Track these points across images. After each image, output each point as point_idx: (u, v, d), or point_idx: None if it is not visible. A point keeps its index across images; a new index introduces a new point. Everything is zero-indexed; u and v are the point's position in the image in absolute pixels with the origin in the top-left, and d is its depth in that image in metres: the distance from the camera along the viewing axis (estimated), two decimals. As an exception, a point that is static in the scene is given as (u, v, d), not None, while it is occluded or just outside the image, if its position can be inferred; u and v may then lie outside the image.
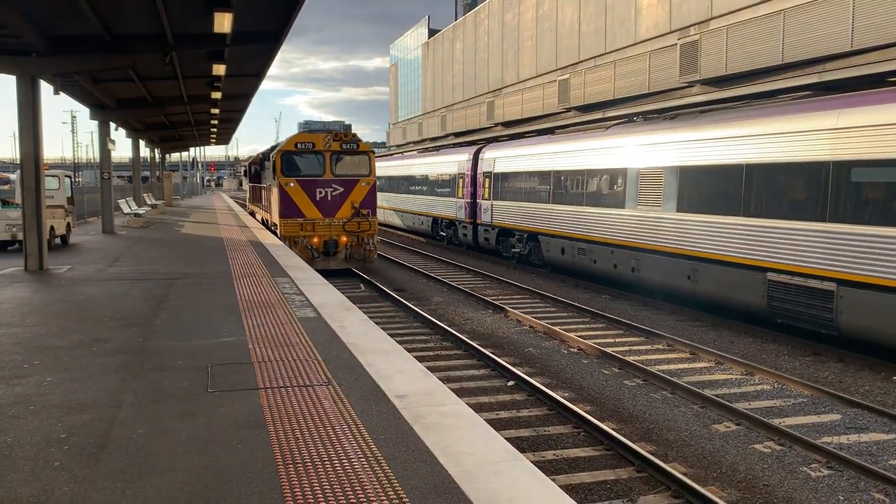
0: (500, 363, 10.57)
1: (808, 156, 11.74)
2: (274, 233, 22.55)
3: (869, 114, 10.73)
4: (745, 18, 21.32)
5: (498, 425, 8.16)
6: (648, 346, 12.35)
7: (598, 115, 26.68)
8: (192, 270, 14.16)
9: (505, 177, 23.41)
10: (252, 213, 35.83)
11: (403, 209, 34.70)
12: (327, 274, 16.94)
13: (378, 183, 39.07)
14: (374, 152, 21.16)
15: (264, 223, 27.40)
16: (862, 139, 10.79)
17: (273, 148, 24.21)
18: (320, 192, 20.06)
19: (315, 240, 19.88)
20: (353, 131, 20.83)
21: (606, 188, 17.47)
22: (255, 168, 31.12)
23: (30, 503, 4.04)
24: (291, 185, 19.99)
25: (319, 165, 20.17)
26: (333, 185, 20.14)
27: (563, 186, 19.57)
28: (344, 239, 20.06)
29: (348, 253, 20.23)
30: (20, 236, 16.53)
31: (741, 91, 19.66)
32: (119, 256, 16.76)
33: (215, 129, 42.23)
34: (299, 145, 20.21)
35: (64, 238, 19.37)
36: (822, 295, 11.42)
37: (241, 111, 35.59)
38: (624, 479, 6.89)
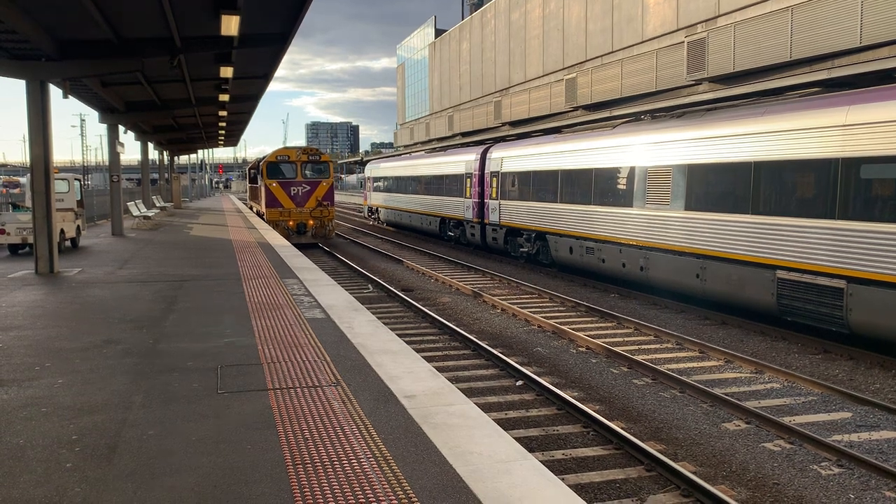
0: (508, 363, 10.57)
1: (816, 153, 11.69)
2: (262, 218, 31.03)
3: (878, 110, 10.68)
4: (753, 15, 21.24)
5: (507, 425, 8.17)
6: (657, 345, 12.32)
7: (606, 114, 26.63)
8: (201, 272, 14.23)
9: (512, 176, 23.40)
10: (251, 208, 43.69)
11: (411, 209, 34.72)
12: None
13: (385, 184, 39.85)
14: (332, 162, 30.15)
15: (258, 214, 34.60)
16: (871, 136, 10.73)
17: (262, 159, 32.26)
18: (294, 190, 28.40)
19: (290, 223, 28.22)
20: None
21: (614, 187, 17.44)
22: (253, 173, 40.11)
23: (42, 504, 4.08)
24: (274, 184, 28.39)
25: (293, 171, 28.52)
26: (303, 185, 28.53)
27: (571, 185, 19.55)
28: (311, 222, 28.51)
29: (314, 232, 28.54)
30: (31, 239, 16.65)
31: (749, 88, 19.57)
32: (129, 259, 16.86)
33: (223, 131, 42.38)
34: (279, 157, 28.72)
35: (74, 241, 19.50)
36: (831, 292, 11.37)
37: (249, 113, 35.72)
38: (633, 479, 6.88)
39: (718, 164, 13.89)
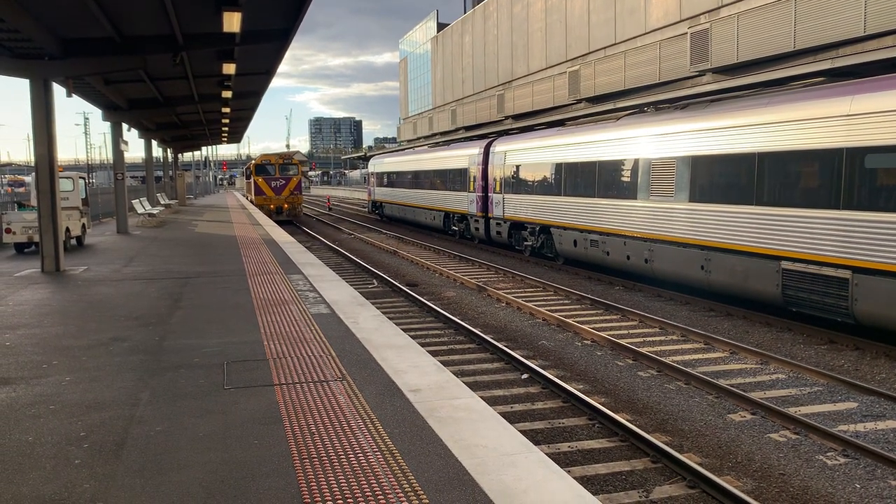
0: (513, 356, 10.59)
1: (821, 143, 11.65)
2: (252, 203, 43.10)
3: (882, 99, 10.63)
4: (756, 5, 21.14)
5: (512, 418, 8.19)
6: (662, 337, 12.32)
7: (609, 106, 26.57)
8: (206, 269, 14.27)
9: (516, 170, 23.37)
10: (245, 197, 56.21)
11: (415, 204, 34.72)
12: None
13: (388, 179, 40.24)
14: (300, 164, 43.20)
15: (250, 201, 45.74)
16: (875, 125, 10.69)
17: (253, 161, 44.63)
18: (273, 183, 40.42)
19: (271, 206, 40.01)
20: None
21: (618, 179, 17.41)
22: (248, 171, 51.28)
23: (52, 501, 4.11)
24: (260, 180, 40.50)
25: (273, 170, 40.62)
26: (279, 180, 40.52)
27: (575, 178, 19.53)
28: (285, 206, 40.45)
29: (287, 213, 40.33)
30: (36, 238, 16.72)
31: (752, 79, 19.51)
32: (134, 256, 16.92)
33: (226, 128, 42.46)
34: (263, 161, 41.34)
35: (79, 239, 19.56)
36: (836, 283, 11.35)
37: (252, 109, 35.76)
38: (639, 470, 6.90)
39: (722, 156, 13.85)
